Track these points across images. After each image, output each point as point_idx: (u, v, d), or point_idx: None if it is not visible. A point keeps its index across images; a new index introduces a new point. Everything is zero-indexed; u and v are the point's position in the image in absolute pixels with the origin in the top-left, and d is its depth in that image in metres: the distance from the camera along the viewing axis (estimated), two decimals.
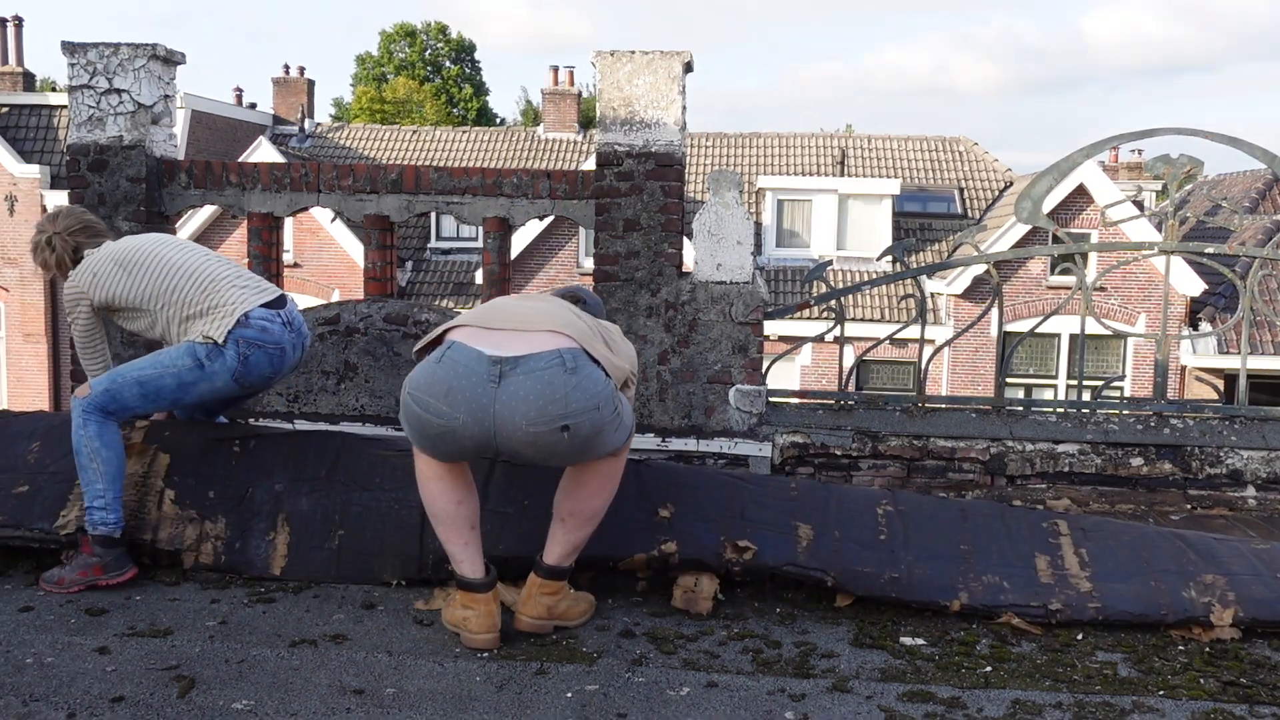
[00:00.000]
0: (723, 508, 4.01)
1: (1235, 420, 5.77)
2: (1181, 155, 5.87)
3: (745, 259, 5.76)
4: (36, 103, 23.37)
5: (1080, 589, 3.79)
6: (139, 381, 3.99)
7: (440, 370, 3.36)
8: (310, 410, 5.91)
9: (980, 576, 3.85)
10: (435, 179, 5.93)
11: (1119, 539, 3.99)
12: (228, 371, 4.03)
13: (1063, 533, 4.01)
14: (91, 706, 3.03)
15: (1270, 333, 19.51)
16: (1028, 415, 5.90)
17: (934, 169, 25.78)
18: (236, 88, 30.75)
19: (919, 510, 4.09)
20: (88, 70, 5.83)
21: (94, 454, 3.88)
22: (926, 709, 3.12)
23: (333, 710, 3.05)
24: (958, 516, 4.07)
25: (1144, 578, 3.83)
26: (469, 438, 3.33)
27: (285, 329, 4.16)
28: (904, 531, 3.99)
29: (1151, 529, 4.11)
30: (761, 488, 4.13)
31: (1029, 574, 3.85)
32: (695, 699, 3.17)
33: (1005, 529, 4.03)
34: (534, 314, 3.46)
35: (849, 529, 3.97)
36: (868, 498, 4.16)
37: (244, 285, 4.14)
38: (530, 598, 3.53)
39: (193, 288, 4.08)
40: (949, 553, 3.92)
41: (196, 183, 6.02)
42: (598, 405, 3.34)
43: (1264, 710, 3.14)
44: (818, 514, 4.02)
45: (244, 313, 4.04)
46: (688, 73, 5.75)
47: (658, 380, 5.79)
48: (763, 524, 3.95)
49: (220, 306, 4.04)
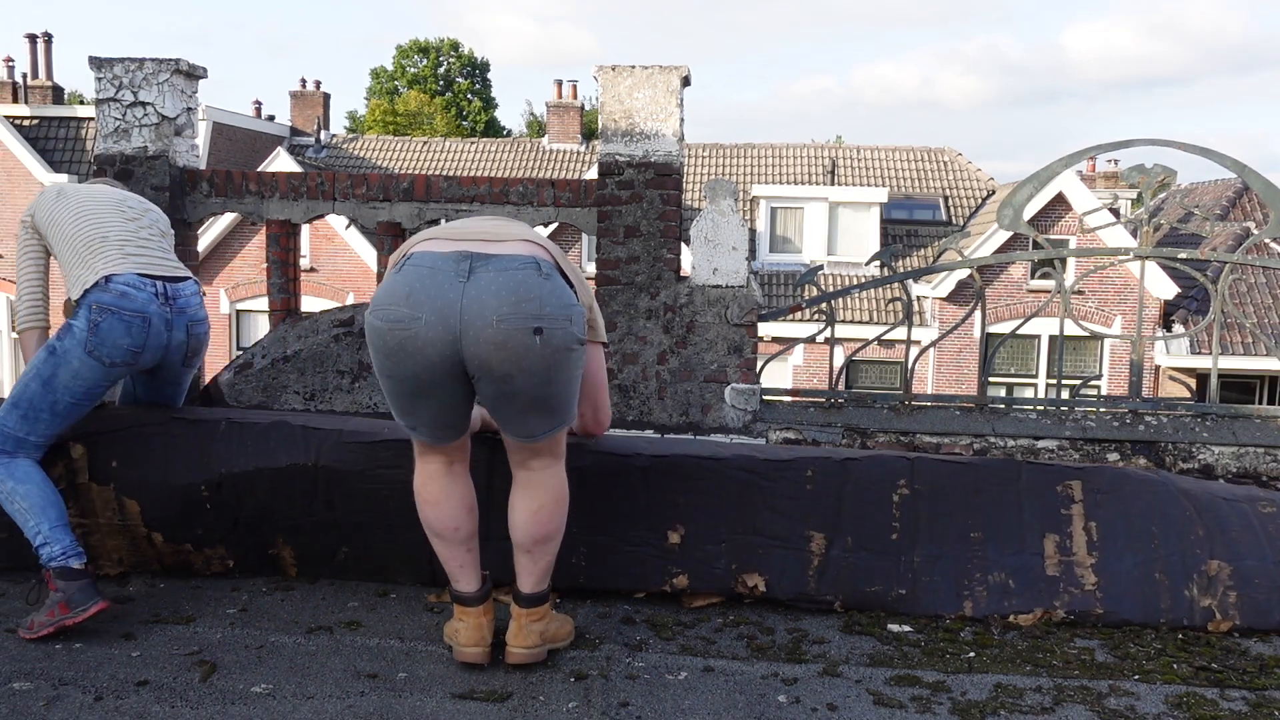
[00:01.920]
0: (735, 521, 3.85)
1: (1207, 417, 5.93)
2: (1156, 165, 6.01)
3: (740, 264, 5.93)
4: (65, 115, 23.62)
5: (1085, 583, 3.75)
6: (14, 404, 3.61)
7: (401, 276, 3.03)
8: (326, 408, 6.09)
9: (986, 576, 3.78)
10: (445, 188, 6.09)
11: (1130, 506, 3.84)
12: (79, 345, 3.57)
13: (1076, 498, 3.84)
14: (118, 690, 3.09)
15: (1240, 334, 19.77)
16: (1009, 413, 6.07)
17: (920, 178, 26.04)
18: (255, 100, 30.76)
19: (935, 488, 3.86)
20: (114, 84, 5.99)
21: (10, 495, 3.55)
22: (913, 692, 3.20)
23: (347, 693, 3.11)
24: (971, 490, 3.86)
25: (1149, 564, 3.77)
26: (431, 344, 2.96)
27: (157, 301, 3.68)
28: (916, 522, 3.84)
29: (1164, 487, 3.90)
30: (775, 482, 3.87)
31: (1035, 565, 3.79)
32: (692, 683, 3.24)
33: (1017, 499, 3.85)
34: (505, 226, 3.16)
35: (861, 529, 3.85)
36: (885, 478, 3.88)
37: (130, 253, 3.73)
38: (520, 629, 3.29)
39: (87, 235, 3.72)
40: (959, 547, 3.82)
41: (217, 191, 6.16)
42: (570, 318, 3.05)
43: (1234, 694, 3.24)
44: (831, 512, 3.85)
45: (106, 275, 3.62)
46: (685, 86, 5.93)
47: (657, 379, 5.97)
48: (776, 537, 3.84)
49: (91, 264, 3.65)
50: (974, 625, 3.75)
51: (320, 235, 22.44)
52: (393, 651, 3.41)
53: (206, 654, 3.34)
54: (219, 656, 3.33)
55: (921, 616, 3.79)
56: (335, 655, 3.36)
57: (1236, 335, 19.77)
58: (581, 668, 3.33)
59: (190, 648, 3.38)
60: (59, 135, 23.27)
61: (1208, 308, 11.06)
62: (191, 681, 3.16)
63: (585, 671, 3.30)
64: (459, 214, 6.10)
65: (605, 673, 3.30)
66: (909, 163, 26.52)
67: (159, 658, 3.31)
